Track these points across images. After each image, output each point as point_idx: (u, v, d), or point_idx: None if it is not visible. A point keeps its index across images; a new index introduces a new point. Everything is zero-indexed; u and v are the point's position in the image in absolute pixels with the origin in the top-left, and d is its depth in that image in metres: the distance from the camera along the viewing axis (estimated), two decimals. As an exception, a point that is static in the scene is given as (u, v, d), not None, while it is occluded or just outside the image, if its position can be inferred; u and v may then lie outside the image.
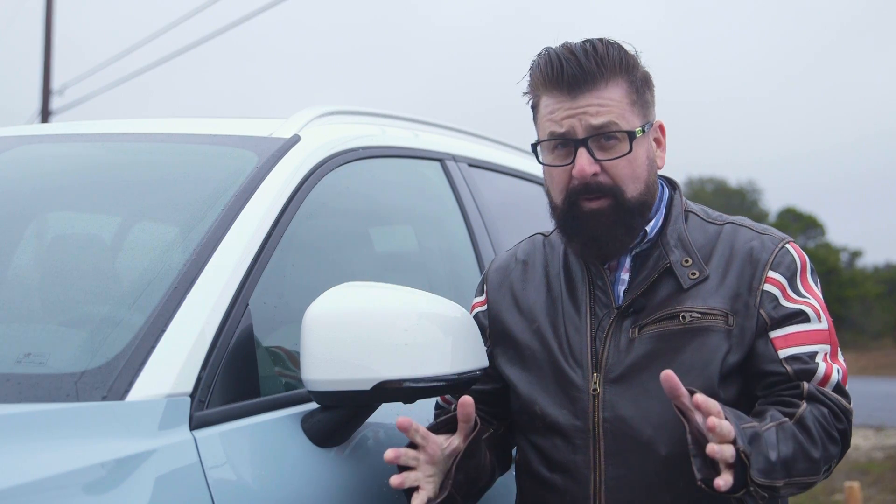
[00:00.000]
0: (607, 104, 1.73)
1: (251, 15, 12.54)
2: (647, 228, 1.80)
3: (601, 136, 1.73)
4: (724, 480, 1.50)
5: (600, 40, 1.77)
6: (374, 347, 1.61)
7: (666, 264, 1.77)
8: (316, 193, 1.99)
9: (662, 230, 1.81)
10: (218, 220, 1.76)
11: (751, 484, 1.54)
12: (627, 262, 1.81)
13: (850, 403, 1.71)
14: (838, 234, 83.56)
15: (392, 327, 1.62)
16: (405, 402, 1.75)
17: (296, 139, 2.04)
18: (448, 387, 1.69)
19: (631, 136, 1.74)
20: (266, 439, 1.61)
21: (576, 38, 1.80)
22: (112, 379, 1.46)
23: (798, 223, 47.44)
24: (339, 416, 1.69)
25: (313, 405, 1.71)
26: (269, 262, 1.77)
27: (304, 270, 1.99)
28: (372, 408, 1.73)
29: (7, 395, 1.44)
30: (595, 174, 1.73)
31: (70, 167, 2.25)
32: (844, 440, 1.70)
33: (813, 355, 1.71)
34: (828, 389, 1.70)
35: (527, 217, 3.02)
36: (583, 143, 1.72)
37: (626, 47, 1.79)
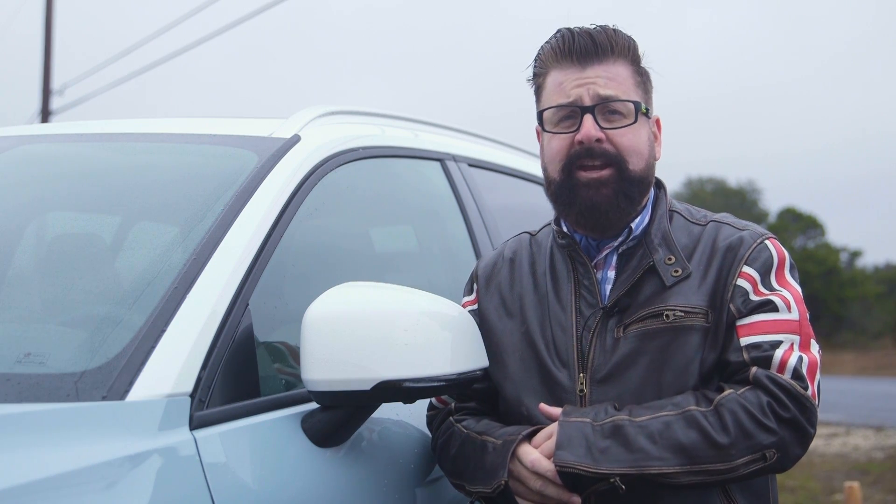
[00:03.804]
0: (615, 78, 1.78)
1: (256, 12, 12.51)
2: (633, 226, 1.81)
3: (607, 107, 1.76)
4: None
5: (612, 26, 1.83)
6: (374, 347, 1.61)
7: (649, 263, 1.78)
8: (316, 193, 1.99)
9: (647, 229, 1.82)
10: (218, 220, 1.76)
11: (603, 477, 1.61)
12: (614, 260, 1.82)
13: (808, 391, 1.66)
14: (838, 234, 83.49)
15: (392, 327, 1.62)
16: (405, 402, 1.75)
17: (296, 139, 2.04)
18: (448, 387, 1.69)
19: (637, 106, 1.78)
20: (266, 439, 1.61)
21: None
22: (112, 379, 1.46)
23: (798, 223, 47.40)
24: (339, 416, 1.69)
25: (313, 405, 1.71)
26: (269, 262, 1.77)
27: (304, 270, 1.99)
28: (372, 408, 1.73)
29: (7, 395, 1.44)
30: (599, 141, 1.75)
31: (70, 167, 2.25)
32: (792, 428, 1.64)
33: (776, 344, 1.69)
34: (783, 376, 1.66)
35: (527, 217, 3.02)
36: (589, 110, 1.76)
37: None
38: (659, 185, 1.90)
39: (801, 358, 1.68)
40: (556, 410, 1.72)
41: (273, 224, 1.82)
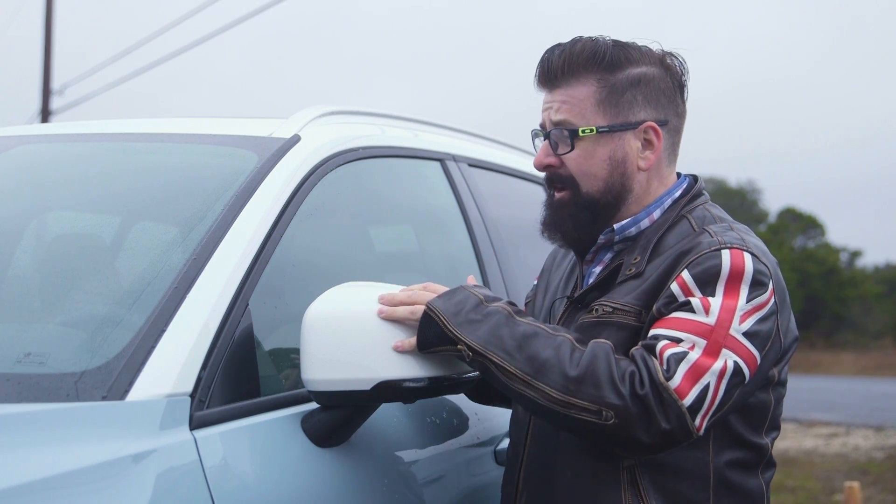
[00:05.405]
0: (569, 101, 1.82)
1: (261, 9, 12.47)
2: (616, 227, 1.82)
3: (560, 132, 1.82)
4: (399, 342, 1.64)
5: (591, 38, 1.83)
6: (374, 347, 1.61)
7: (620, 261, 1.80)
8: (316, 193, 2.00)
9: (644, 231, 1.82)
10: (218, 220, 1.76)
11: (455, 339, 1.63)
12: (607, 257, 1.85)
13: (671, 383, 1.56)
14: (838, 234, 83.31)
15: (392, 327, 1.63)
16: (405, 403, 1.75)
17: (296, 139, 2.04)
18: (448, 387, 1.69)
19: (572, 134, 1.81)
20: (266, 439, 1.61)
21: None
22: (112, 379, 1.46)
23: (798, 223, 47.37)
24: (339, 416, 1.69)
25: (313, 405, 1.71)
26: (269, 262, 1.78)
27: (304, 270, 1.99)
28: (372, 408, 1.73)
29: (7, 395, 1.44)
30: (552, 166, 1.84)
31: (70, 167, 2.25)
32: (641, 406, 1.56)
33: (676, 340, 1.61)
34: (653, 360, 1.59)
35: (526, 217, 3.02)
36: (546, 135, 1.85)
37: (646, 44, 1.85)
38: (686, 191, 1.85)
39: (685, 354, 1.58)
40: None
41: (273, 224, 1.82)
